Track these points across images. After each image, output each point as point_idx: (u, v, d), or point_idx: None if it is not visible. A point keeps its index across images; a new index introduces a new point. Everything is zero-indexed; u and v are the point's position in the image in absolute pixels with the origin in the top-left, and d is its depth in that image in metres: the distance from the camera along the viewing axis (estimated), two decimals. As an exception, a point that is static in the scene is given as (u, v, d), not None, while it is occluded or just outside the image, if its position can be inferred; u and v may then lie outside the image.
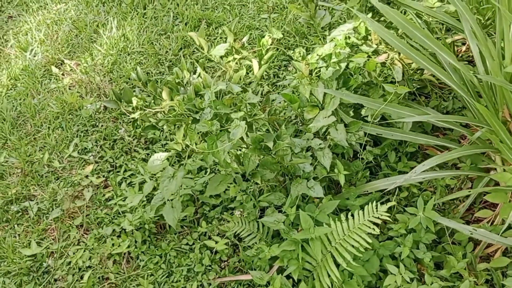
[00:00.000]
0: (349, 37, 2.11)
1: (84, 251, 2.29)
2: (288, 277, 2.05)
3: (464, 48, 2.93)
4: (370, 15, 2.17)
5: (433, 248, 2.24)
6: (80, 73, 3.14)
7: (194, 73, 2.07)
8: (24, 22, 3.60)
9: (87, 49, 3.33)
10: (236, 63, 2.11)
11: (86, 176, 2.57)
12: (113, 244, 2.29)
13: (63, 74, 3.18)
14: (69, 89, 3.06)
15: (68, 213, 2.45)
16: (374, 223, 1.97)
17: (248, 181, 2.38)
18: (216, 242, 2.22)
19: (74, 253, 2.28)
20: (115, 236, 2.34)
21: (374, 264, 2.06)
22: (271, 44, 2.08)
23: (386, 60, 2.16)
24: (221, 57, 2.13)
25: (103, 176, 2.60)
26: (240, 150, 2.30)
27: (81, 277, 2.21)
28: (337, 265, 1.97)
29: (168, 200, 2.12)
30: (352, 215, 2.00)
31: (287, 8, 3.50)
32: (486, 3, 2.47)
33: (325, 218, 2.04)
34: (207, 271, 2.24)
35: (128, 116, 1.88)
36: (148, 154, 2.68)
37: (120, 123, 2.83)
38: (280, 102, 2.56)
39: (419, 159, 2.51)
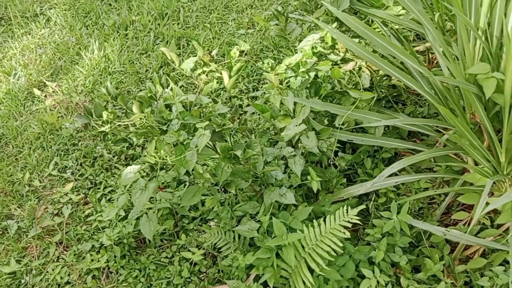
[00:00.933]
0: (316, 47, 2.16)
1: (63, 267, 2.30)
2: (265, 285, 2.06)
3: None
4: (335, 25, 2.22)
5: (411, 251, 2.25)
6: (62, 94, 3.19)
7: (168, 87, 2.12)
8: (9, 47, 3.67)
9: (69, 71, 3.39)
10: (207, 76, 2.16)
11: (66, 194, 2.60)
12: (92, 260, 2.30)
13: (45, 96, 3.23)
14: (50, 110, 3.11)
15: (47, 231, 2.47)
16: (347, 228, 1.99)
17: (226, 192, 2.40)
18: (193, 253, 2.24)
19: (53, 270, 2.29)
20: (94, 251, 2.35)
21: (350, 269, 2.07)
22: (240, 55, 2.13)
23: (354, 68, 2.21)
24: (192, 70, 2.18)
25: (83, 193, 2.63)
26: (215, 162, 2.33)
27: (60, 293, 2.22)
28: (312, 271, 1.98)
29: (145, 213, 2.14)
30: (324, 220, 2.02)
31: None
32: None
33: (299, 224, 2.06)
34: (187, 283, 2.25)
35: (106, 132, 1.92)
36: (128, 170, 2.71)
37: (99, 140, 2.87)
38: (255, 113, 2.60)
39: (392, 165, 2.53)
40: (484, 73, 1.84)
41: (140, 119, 1.88)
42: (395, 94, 2.78)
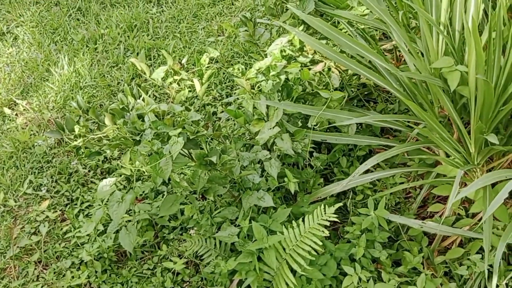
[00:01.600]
0: (285, 50, 2.19)
1: (43, 286, 2.26)
2: (249, 289, 2.06)
3: (405, 52, 3.05)
4: (302, 27, 2.26)
5: (391, 246, 2.28)
6: (33, 111, 3.15)
7: (140, 98, 2.11)
8: (-23, 68, 3.61)
9: (39, 87, 3.35)
10: (178, 84, 2.17)
11: (42, 212, 2.56)
12: (72, 277, 2.27)
13: (16, 115, 3.19)
14: (22, 128, 3.06)
15: (25, 250, 2.43)
16: (327, 226, 2.01)
17: (204, 200, 2.40)
18: (175, 263, 2.23)
19: (33, 290, 2.26)
20: (75, 268, 2.32)
21: (332, 267, 2.09)
22: (211, 62, 2.14)
23: (323, 69, 2.24)
24: (163, 80, 2.18)
25: (60, 210, 2.60)
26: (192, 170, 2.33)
27: (41, 313, 2.19)
28: (294, 272, 2.00)
29: (124, 226, 2.13)
30: (303, 220, 2.04)
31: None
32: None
33: (278, 226, 2.08)
34: (170, 293, 2.24)
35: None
36: (105, 184, 2.69)
37: (74, 156, 2.84)
38: (229, 119, 2.61)
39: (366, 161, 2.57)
40: (448, 66, 1.89)
41: (113, 131, 1.87)
42: (365, 92, 2.82)
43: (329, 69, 2.26)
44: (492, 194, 1.93)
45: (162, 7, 4.03)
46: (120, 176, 2.16)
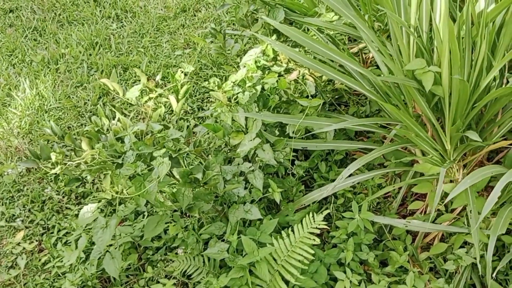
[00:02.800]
0: (259, 61, 2.18)
1: (26, 322, 2.16)
2: (242, 304, 2.04)
3: (371, 54, 3.11)
4: (274, 37, 2.26)
5: (376, 247, 2.31)
6: (-3, 139, 3.02)
7: (114, 119, 2.06)
8: None
9: (1, 114, 3.21)
10: (154, 102, 2.12)
11: (18, 244, 2.45)
12: (56, 309, 2.18)
13: (-21, 143, 3.04)
14: (-13, 157, 2.93)
15: (4, 286, 2.31)
16: (314, 234, 2.02)
17: (188, 217, 2.36)
18: (164, 285, 2.17)
19: (15, 327, 2.15)
20: (58, 300, 2.24)
21: (322, 274, 2.10)
22: (185, 78, 2.11)
23: (298, 77, 2.25)
24: (138, 98, 2.13)
25: (36, 240, 2.49)
26: (174, 187, 2.29)
27: None
28: (287, 282, 1.98)
29: (107, 251, 2.06)
30: (293, 230, 2.04)
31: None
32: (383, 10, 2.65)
33: (268, 238, 2.06)
34: (160, 316, 2.18)
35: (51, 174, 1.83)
36: (80, 209, 2.60)
37: (46, 182, 2.73)
38: (206, 134, 2.58)
39: (349, 165, 2.60)
40: (421, 68, 1.94)
41: (92, 155, 1.81)
42: (337, 96, 2.86)
43: (303, 76, 2.27)
44: (473, 189, 1.99)
45: (122, 22, 3.96)
46: (100, 201, 2.10)
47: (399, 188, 2.47)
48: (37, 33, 3.91)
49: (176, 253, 2.26)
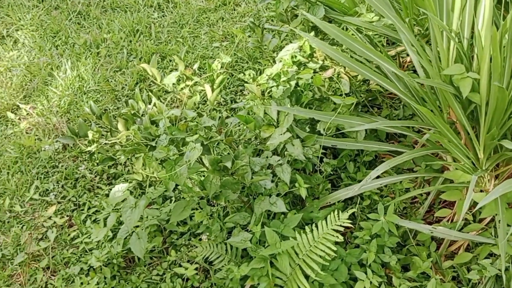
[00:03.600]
0: (296, 56, 2.20)
1: (52, 293, 2.25)
2: (260, 295, 2.06)
3: (409, 58, 3.08)
4: (313, 33, 2.27)
5: (399, 251, 2.30)
6: (37, 116, 3.13)
7: (150, 104, 2.11)
8: (-23, 71, 3.58)
9: (42, 92, 3.33)
10: (190, 90, 2.17)
11: (49, 218, 2.55)
12: (81, 283, 2.25)
13: (19, 119, 3.16)
14: (27, 133, 3.04)
15: (33, 257, 2.41)
16: (338, 231, 2.02)
17: (213, 205, 2.40)
18: (186, 269, 2.22)
19: (42, 296, 2.24)
20: (84, 274, 2.31)
21: (343, 272, 2.10)
22: (221, 69, 2.14)
23: (333, 75, 2.26)
24: (174, 85, 2.18)
25: (67, 215, 2.58)
26: (202, 176, 2.33)
27: (51, 320, 2.17)
28: (307, 277, 2.00)
29: (134, 231, 2.12)
30: (316, 226, 2.05)
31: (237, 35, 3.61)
32: (424, 14, 2.63)
33: (291, 232, 2.08)
34: (180, 299, 2.23)
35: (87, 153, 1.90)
36: (111, 189, 2.67)
37: (80, 161, 2.82)
38: (238, 125, 2.62)
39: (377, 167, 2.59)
40: (460, 73, 1.91)
41: (127, 136, 1.87)
42: (370, 98, 2.85)
43: (339, 74, 2.28)
44: (503, 199, 1.95)
45: (163, 12, 4.03)
46: (131, 182, 2.16)
47: (427, 194, 2.45)
48: (81, 17, 4.02)
49: (200, 239, 2.30)
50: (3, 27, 3.97)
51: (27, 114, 3.18)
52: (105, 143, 1.89)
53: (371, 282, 2.06)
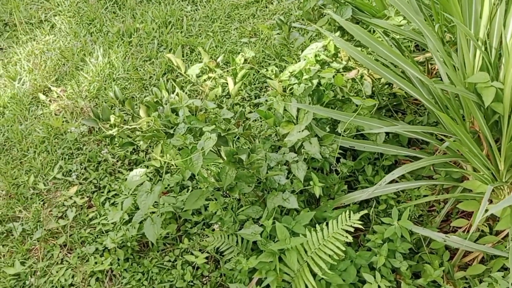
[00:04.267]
0: (319, 55, 2.21)
1: (67, 269, 2.32)
2: (268, 289, 2.08)
3: (437, 66, 3.04)
4: (338, 33, 2.27)
5: (411, 258, 2.28)
6: (66, 99, 3.23)
7: (174, 93, 2.15)
8: (14, 53, 3.71)
9: (73, 76, 3.43)
10: (212, 82, 2.20)
11: (70, 197, 2.63)
12: (96, 262, 2.32)
13: (50, 101, 3.27)
14: (55, 114, 3.15)
15: (52, 233, 2.50)
16: (349, 232, 2.02)
17: (228, 197, 2.43)
18: (197, 257, 2.26)
19: (57, 272, 2.32)
20: (98, 254, 2.38)
21: (351, 273, 2.10)
22: (244, 63, 2.17)
23: (356, 76, 2.25)
24: (198, 77, 2.22)
25: (87, 196, 2.66)
26: (220, 167, 2.37)
27: (63, 295, 2.25)
28: (314, 275, 2.01)
29: (149, 217, 2.17)
30: (327, 224, 2.05)
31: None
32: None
33: (301, 229, 2.09)
34: (189, 286, 2.27)
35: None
36: (132, 175, 2.74)
37: (104, 145, 2.91)
38: (257, 120, 2.64)
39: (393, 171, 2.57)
40: (484, 82, 1.89)
41: (147, 123, 1.91)
42: (395, 103, 2.82)
43: (362, 76, 2.27)
44: (520, 212, 1.92)
45: (196, 6, 4.08)
46: (148, 168, 2.21)
47: (445, 203, 2.42)
48: (117, 6, 4.12)
49: (213, 230, 2.34)
50: (42, 12, 4.11)
51: (58, 96, 3.28)
52: (126, 128, 1.94)
53: (379, 286, 2.05)
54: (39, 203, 2.64)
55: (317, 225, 2.08)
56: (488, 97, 1.85)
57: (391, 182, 2.21)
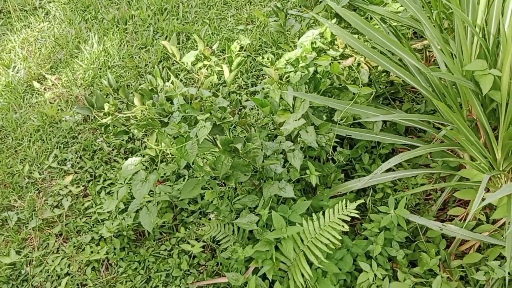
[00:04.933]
0: (316, 42, 2.18)
1: (63, 258, 2.32)
2: (265, 278, 2.08)
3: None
4: (334, 20, 2.24)
5: (408, 246, 2.28)
6: (61, 87, 3.20)
7: (169, 81, 2.13)
8: (8, 40, 3.67)
9: (68, 64, 3.39)
10: (207, 70, 2.18)
11: (66, 186, 2.62)
12: (91, 251, 2.32)
13: (44, 89, 3.24)
14: (50, 103, 3.12)
15: (47, 222, 2.49)
16: (345, 221, 2.02)
17: (225, 186, 2.42)
18: (193, 246, 2.26)
19: (52, 261, 2.31)
20: (94, 243, 2.37)
21: (348, 262, 2.10)
22: (240, 50, 2.14)
23: (353, 64, 2.23)
24: (193, 64, 2.19)
25: (83, 185, 2.65)
26: (216, 156, 2.35)
27: (59, 284, 2.23)
28: (310, 264, 2.01)
29: (145, 205, 2.16)
30: (323, 214, 2.05)
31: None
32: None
33: (298, 218, 2.09)
34: (186, 275, 2.27)
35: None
36: (127, 163, 2.73)
37: (99, 133, 2.88)
38: (254, 108, 2.62)
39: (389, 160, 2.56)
40: (481, 70, 1.87)
41: (142, 111, 1.89)
42: (392, 91, 2.80)
43: (359, 64, 2.25)
44: (517, 201, 1.91)
45: (193, -8, 4.03)
46: (144, 156, 2.19)
47: (442, 191, 2.41)
48: (112, -7, 4.06)
49: (209, 219, 2.33)
50: (36, -1, 4.05)
51: (52, 84, 3.25)
52: (120, 116, 1.92)
53: (375, 275, 2.05)
54: (34, 192, 2.62)
55: (313, 214, 2.07)
56: (486, 85, 1.83)
57: (388, 170, 2.21)
